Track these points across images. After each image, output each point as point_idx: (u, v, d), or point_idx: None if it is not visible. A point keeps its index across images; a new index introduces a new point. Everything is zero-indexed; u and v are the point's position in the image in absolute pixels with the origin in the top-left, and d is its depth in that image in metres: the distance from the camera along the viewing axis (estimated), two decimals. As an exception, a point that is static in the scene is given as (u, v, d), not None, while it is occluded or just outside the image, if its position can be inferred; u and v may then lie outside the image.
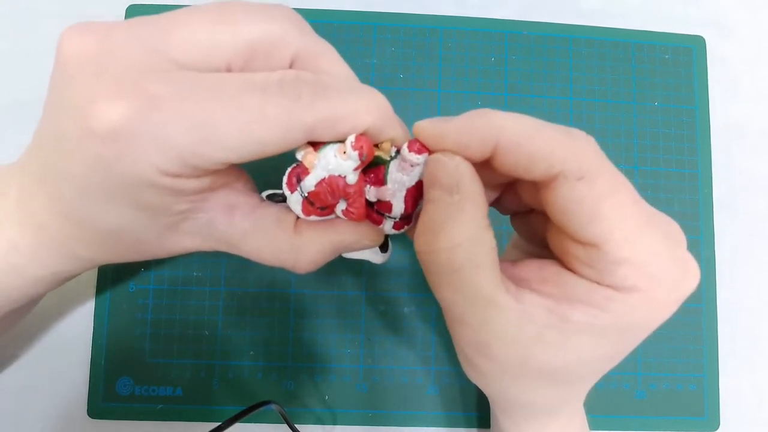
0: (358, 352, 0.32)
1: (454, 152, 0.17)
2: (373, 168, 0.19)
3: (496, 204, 0.22)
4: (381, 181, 0.19)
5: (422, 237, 0.18)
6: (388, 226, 0.20)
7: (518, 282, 0.18)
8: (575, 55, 0.35)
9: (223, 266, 0.32)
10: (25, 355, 0.31)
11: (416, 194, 0.19)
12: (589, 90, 0.35)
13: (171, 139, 0.16)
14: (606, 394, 0.33)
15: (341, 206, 0.19)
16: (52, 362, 0.31)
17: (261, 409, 0.26)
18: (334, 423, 0.32)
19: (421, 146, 0.18)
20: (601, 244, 0.16)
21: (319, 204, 0.19)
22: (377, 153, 0.19)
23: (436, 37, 0.35)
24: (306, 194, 0.19)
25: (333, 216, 0.20)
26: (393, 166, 0.19)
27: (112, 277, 0.32)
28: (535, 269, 0.19)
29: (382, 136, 0.18)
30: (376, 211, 0.20)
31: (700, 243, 0.34)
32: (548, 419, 0.22)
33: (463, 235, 0.17)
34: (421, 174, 0.19)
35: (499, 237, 0.17)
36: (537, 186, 0.18)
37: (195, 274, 0.32)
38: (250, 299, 0.32)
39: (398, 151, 0.19)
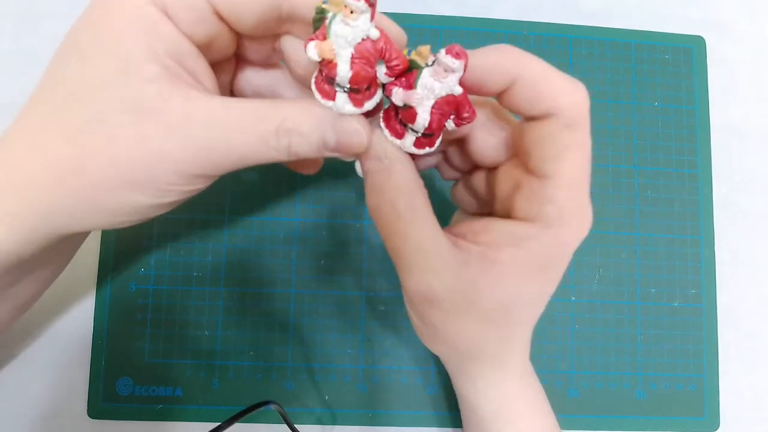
0: (358, 352, 0.32)
1: (477, 86, 0.19)
2: (406, 74, 0.19)
3: (440, 167, 0.25)
4: (411, 87, 0.19)
5: (370, 197, 0.20)
6: (408, 142, 0.20)
7: (454, 237, 0.21)
8: (575, 55, 0.35)
9: (223, 266, 0.32)
10: (24, 354, 0.31)
11: (445, 109, 0.19)
12: (589, 90, 0.35)
13: None
14: (606, 394, 0.33)
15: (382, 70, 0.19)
16: (52, 362, 0.31)
17: (261, 409, 0.26)
18: (334, 423, 0.32)
19: (460, 51, 0.18)
20: (552, 178, 0.19)
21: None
22: (413, 57, 0.19)
23: (436, 37, 0.35)
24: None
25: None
26: (426, 71, 0.19)
27: (112, 277, 0.32)
28: (466, 225, 0.22)
29: None
30: (399, 121, 0.20)
31: (700, 243, 0.34)
32: (501, 374, 0.24)
33: (399, 188, 0.20)
34: (453, 86, 0.19)
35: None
36: (523, 120, 0.20)
37: (195, 274, 0.32)
38: (250, 299, 0.32)
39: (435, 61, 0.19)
